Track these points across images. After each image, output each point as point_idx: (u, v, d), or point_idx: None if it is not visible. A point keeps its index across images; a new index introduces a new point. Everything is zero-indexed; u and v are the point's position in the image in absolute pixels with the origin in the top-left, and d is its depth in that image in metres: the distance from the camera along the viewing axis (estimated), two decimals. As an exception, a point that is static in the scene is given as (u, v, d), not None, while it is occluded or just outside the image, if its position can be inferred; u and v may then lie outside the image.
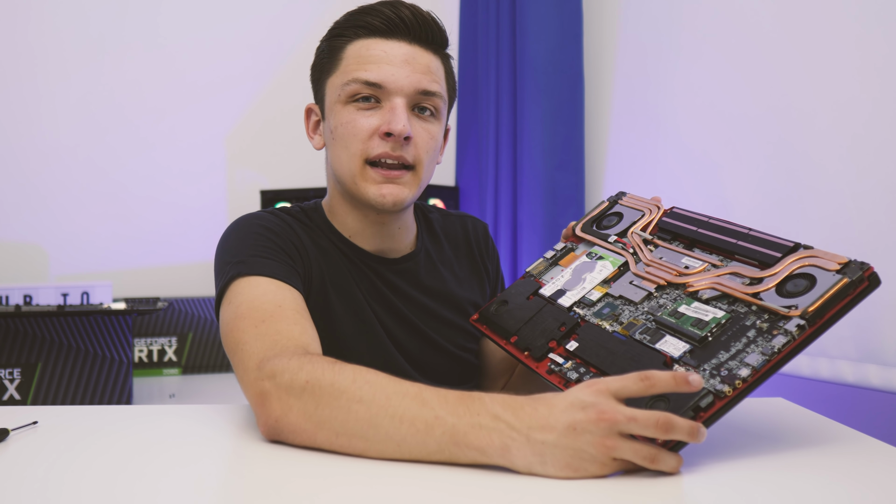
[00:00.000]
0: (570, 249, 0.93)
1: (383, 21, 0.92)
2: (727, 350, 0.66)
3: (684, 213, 0.85)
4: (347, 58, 0.93)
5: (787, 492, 0.59)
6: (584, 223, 0.94)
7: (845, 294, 0.64)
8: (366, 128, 0.91)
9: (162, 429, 0.79)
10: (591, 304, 0.82)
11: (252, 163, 2.52)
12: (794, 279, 0.68)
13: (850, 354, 1.32)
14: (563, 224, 2.09)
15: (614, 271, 0.84)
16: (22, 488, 0.61)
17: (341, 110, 0.93)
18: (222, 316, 0.85)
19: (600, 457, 0.59)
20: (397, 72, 0.91)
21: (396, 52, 0.92)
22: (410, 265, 1.01)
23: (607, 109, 2.08)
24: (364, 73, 0.91)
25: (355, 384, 0.67)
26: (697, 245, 0.81)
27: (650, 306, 0.76)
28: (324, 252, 0.97)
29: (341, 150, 0.93)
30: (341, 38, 0.95)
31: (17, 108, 2.35)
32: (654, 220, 0.87)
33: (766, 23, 1.53)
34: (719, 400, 0.63)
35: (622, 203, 0.93)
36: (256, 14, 2.48)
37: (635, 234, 0.86)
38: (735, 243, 0.76)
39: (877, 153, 1.29)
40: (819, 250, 0.69)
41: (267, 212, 0.98)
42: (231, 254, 0.90)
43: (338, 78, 0.93)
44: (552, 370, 0.77)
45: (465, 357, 1.04)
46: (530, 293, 0.90)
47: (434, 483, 0.61)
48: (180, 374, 2.25)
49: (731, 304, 0.71)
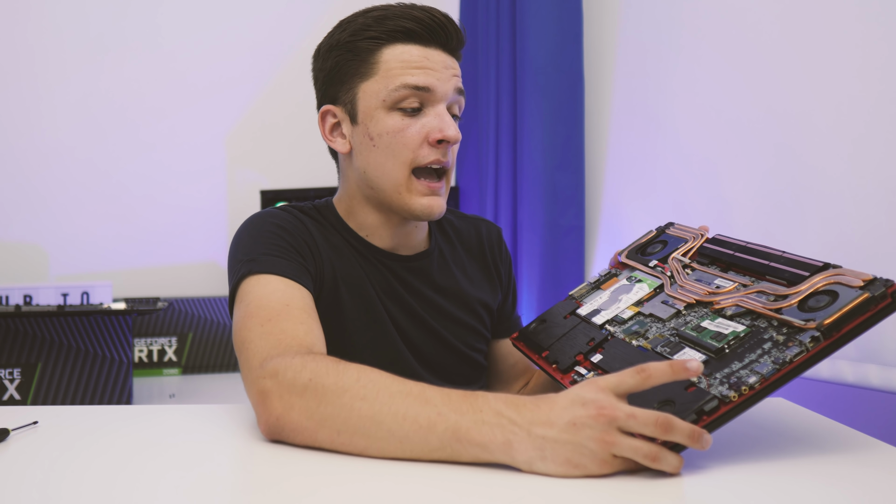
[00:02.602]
0: (614, 275, 0.95)
1: (423, 27, 0.92)
2: (741, 360, 0.67)
3: (725, 239, 0.87)
4: (387, 62, 0.92)
5: (787, 492, 0.59)
6: (630, 251, 0.97)
7: (865, 309, 0.64)
8: (416, 136, 0.92)
9: (162, 429, 0.79)
10: (622, 321, 0.84)
11: (252, 163, 2.52)
12: (818, 295, 0.69)
13: (850, 354, 1.32)
14: (563, 224, 2.09)
15: (650, 293, 0.85)
16: (22, 488, 0.61)
17: (385, 116, 0.92)
18: (234, 314, 0.86)
19: (600, 453, 0.59)
20: (441, 76, 0.92)
21: (437, 59, 0.93)
22: (424, 263, 1.02)
23: (607, 109, 2.08)
24: (412, 78, 0.91)
25: (359, 383, 0.67)
26: (733, 268, 0.82)
27: (676, 323, 0.78)
28: (336, 249, 0.97)
29: (386, 157, 0.93)
30: (374, 40, 0.93)
31: (17, 108, 2.35)
32: (696, 246, 0.89)
33: (767, 23, 1.53)
34: (724, 405, 0.63)
35: (669, 232, 0.95)
36: (257, 14, 2.48)
37: (675, 260, 0.88)
38: (767, 265, 0.77)
39: (877, 153, 1.29)
40: (846, 269, 0.69)
41: (280, 209, 0.98)
42: (243, 251, 0.91)
43: (378, 83, 0.92)
44: (575, 381, 0.78)
45: (475, 357, 1.05)
46: (567, 312, 0.92)
47: (435, 482, 0.61)
48: (180, 374, 2.25)
49: (753, 319, 0.72)
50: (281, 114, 2.46)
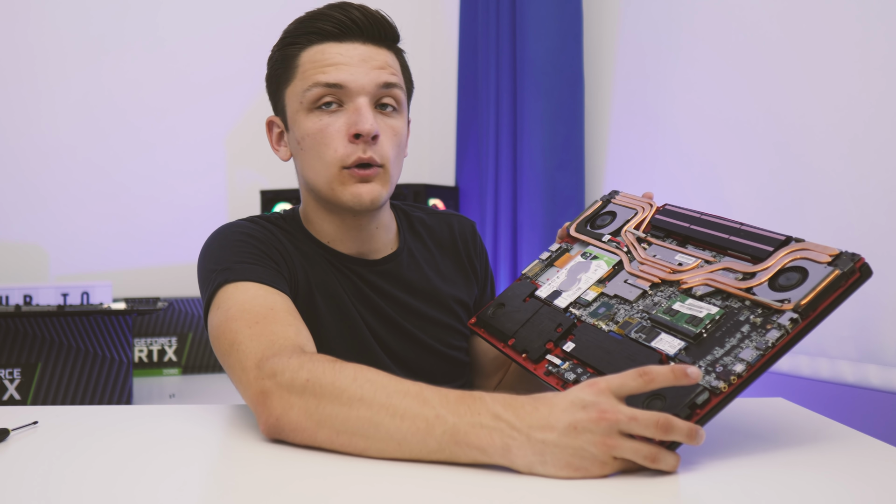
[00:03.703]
0: (566, 250, 0.93)
1: (335, 25, 0.91)
2: (722, 346, 0.67)
3: (677, 209, 0.85)
4: (303, 65, 0.92)
5: (786, 492, 0.59)
6: (578, 223, 0.95)
7: (837, 286, 0.64)
8: (334, 132, 0.91)
9: (162, 429, 0.79)
10: (586, 304, 0.82)
11: (252, 163, 2.52)
12: (787, 273, 0.69)
13: (850, 354, 1.32)
14: (563, 224, 2.10)
15: (609, 270, 0.84)
16: (22, 488, 0.61)
17: (305, 119, 0.92)
18: (211, 321, 0.84)
19: (601, 456, 0.59)
20: (356, 71, 0.91)
21: (352, 53, 0.91)
22: (392, 266, 1.01)
23: (607, 109, 2.09)
24: (323, 76, 0.90)
25: (356, 382, 0.67)
26: (690, 242, 0.81)
27: (645, 304, 0.77)
28: (307, 257, 0.96)
29: (313, 159, 0.92)
30: (294, 46, 0.93)
31: (17, 108, 2.35)
32: (647, 217, 0.87)
33: (766, 24, 1.53)
34: (715, 396, 0.63)
35: (615, 202, 0.93)
36: (256, 14, 2.48)
37: (629, 233, 0.87)
38: (727, 238, 0.77)
39: (876, 153, 1.29)
40: (810, 243, 0.69)
41: (245, 220, 0.97)
42: (215, 262, 0.89)
43: (297, 86, 0.92)
44: (550, 371, 0.77)
45: (453, 354, 1.04)
46: (526, 295, 0.90)
47: (434, 483, 0.61)
48: (180, 374, 2.25)
49: (724, 299, 0.71)
50: (281, 114, 2.45)
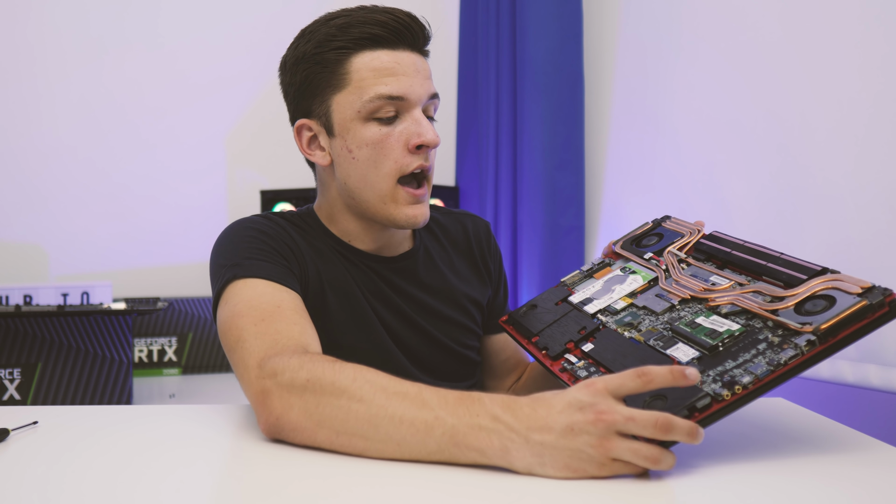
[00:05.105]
0: (607, 264, 0.95)
1: (388, 31, 0.90)
2: (735, 359, 0.67)
3: (723, 236, 0.86)
4: (357, 72, 0.90)
5: (787, 492, 0.59)
6: (625, 241, 0.96)
7: (862, 316, 0.64)
8: (394, 143, 0.91)
9: (162, 429, 0.79)
10: (615, 312, 0.83)
11: (252, 163, 2.52)
12: (815, 299, 0.69)
13: (850, 354, 1.32)
14: (563, 224, 2.09)
15: (644, 285, 0.85)
16: (22, 488, 0.61)
17: (362, 128, 0.91)
18: (220, 316, 0.85)
19: (599, 457, 0.59)
20: (413, 82, 0.91)
21: (406, 62, 0.91)
22: (409, 263, 1.01)
23: (607, 109, 2.08)
24: (385, 87, 0.89)
25: (355, 383, 0.67)
26: (729, 266, 0.82)
27: (670, 317, 0.78)
28: (320, 253, 0.96)
29: (368, 169, 0.92)
30: (341, 51, 0.91)
31: (17, 108, 2.35)
32: (692, 241, 0.88)
33: (767, 23, 1.53)
34: (717, 403, 0.63)
35: (665, 225, 0.95)
36: (256, 14, 2.48)
37: (671, 254, 0.88)
38: (764, 265, 0.77)
39: (878, 156, 1.29)
40: (845, 275, 0.69)
41: (258, 216, 0.97)
42: (226, 257, 0.90)
43: (351, 94, 0.91)
44: (565, 368, 0.78)
45: (466, 353, 1.04)
46: (559, 299, 0.92)
47: (434, 483, 0.61)
48: (180, 374, 2.25)
49: (748, 319, 0.71)
50: (281, 113, 2.43)
